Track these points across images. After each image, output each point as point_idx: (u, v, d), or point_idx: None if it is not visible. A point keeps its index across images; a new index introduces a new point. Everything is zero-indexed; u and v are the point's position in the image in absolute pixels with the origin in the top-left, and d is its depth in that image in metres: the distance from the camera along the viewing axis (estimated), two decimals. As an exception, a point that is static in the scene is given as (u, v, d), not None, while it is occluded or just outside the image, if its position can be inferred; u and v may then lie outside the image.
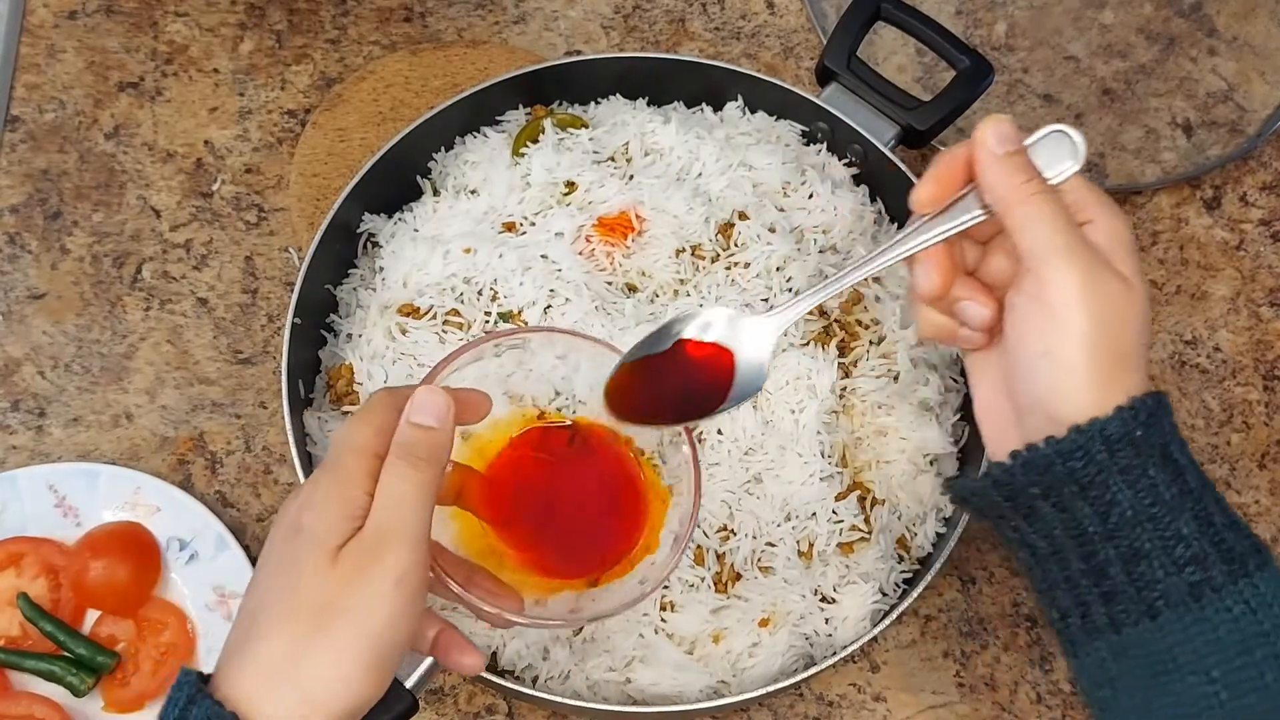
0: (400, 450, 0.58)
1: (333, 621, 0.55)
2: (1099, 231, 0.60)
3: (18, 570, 0.86)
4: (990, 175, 0.61)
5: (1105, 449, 0.57)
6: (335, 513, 0.57)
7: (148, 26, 1.06)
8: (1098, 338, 0.58)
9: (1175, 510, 0.57)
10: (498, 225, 0.85)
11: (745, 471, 0.78)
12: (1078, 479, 0.58)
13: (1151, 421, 0.58)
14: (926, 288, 0.63)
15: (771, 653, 0.77)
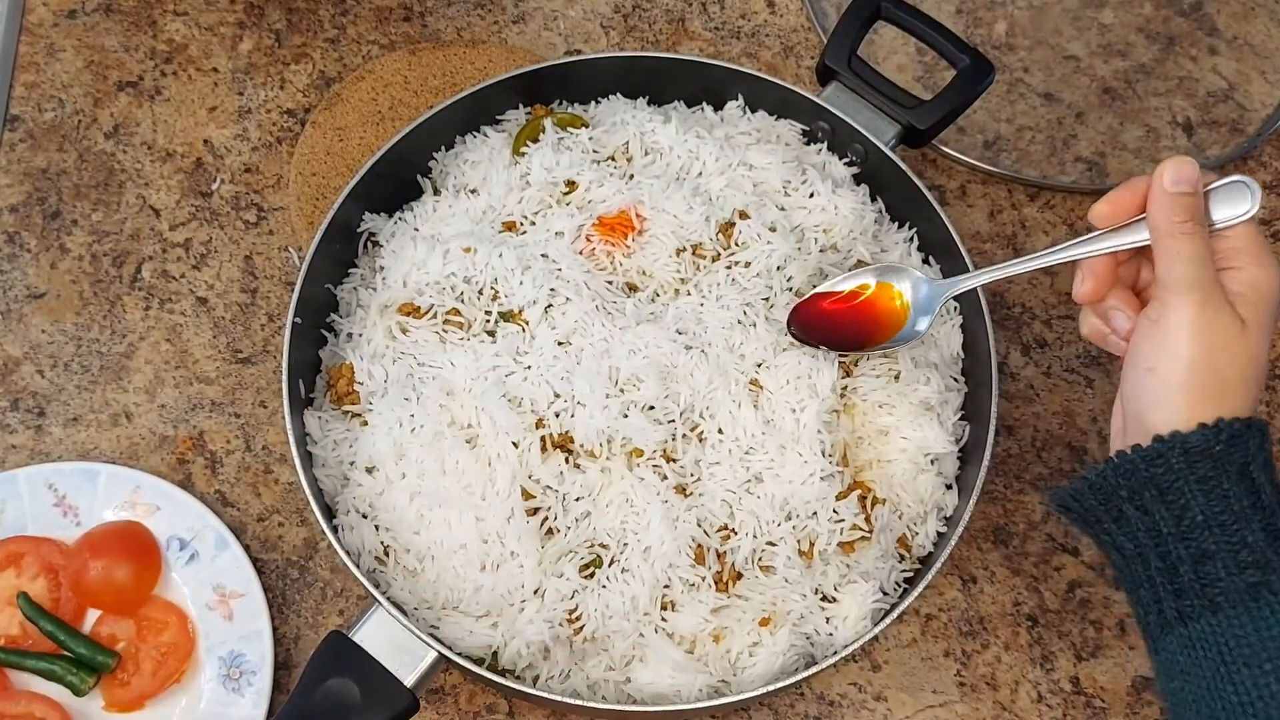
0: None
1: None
2: (1239, 279, 0.66)
3: (18, 570, 0.86)
4: (1153, 207, 0.67)
5: (1183, 458, 0.64)
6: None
7: (147, 25, 1.06)
8: (1199, 363, 0.65)
9: (1244, 520, 0.63)
10: (498, 224, 0.85)
11: (746, 471, 0.78)
12: (1158, 484, 0.64)
13: (1234, 442, 0.63)
14: (1080, 293, 0.72)
15: (772, 652, 0.77)
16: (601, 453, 0.77)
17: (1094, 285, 0.71)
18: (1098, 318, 0.73)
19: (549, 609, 0.76)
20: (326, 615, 0.89)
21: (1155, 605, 0.65)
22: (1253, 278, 0.67)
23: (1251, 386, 0.66)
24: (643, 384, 0.78)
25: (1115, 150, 1.05)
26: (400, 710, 0.73)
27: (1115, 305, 0.71)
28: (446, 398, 0.78)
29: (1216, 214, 0.68)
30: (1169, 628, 0.64)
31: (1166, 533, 0.64)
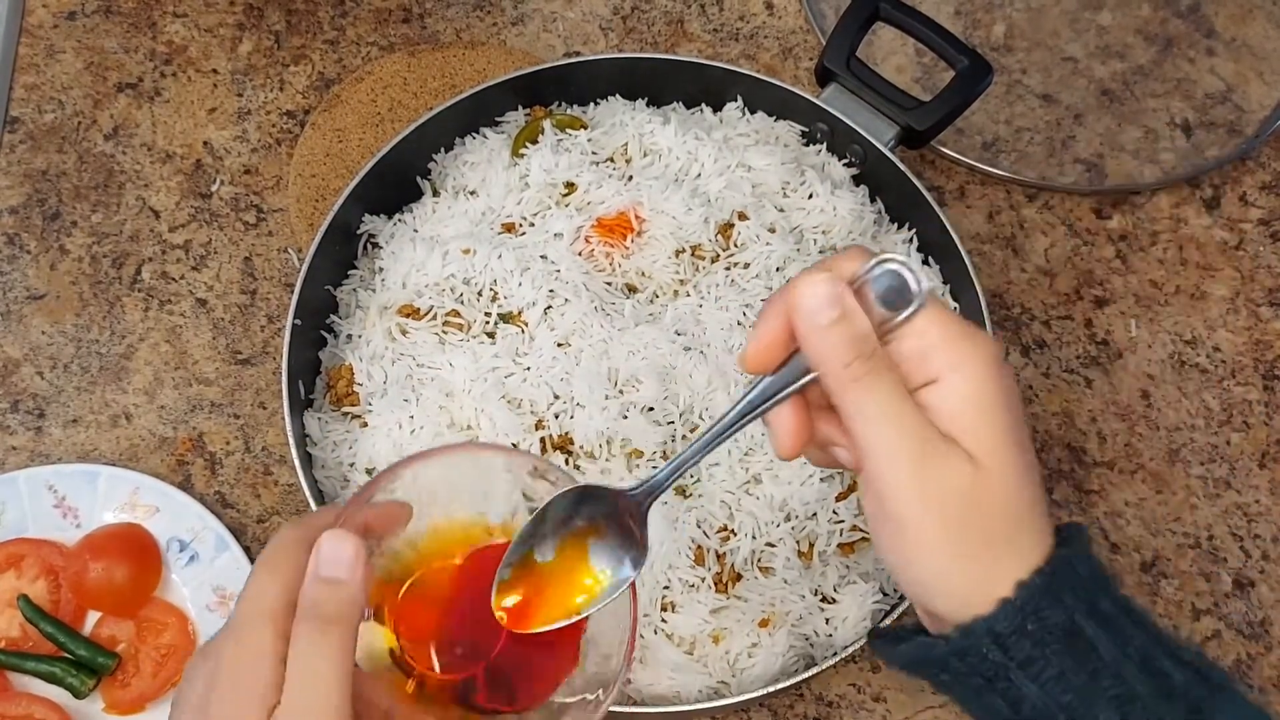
0: (307, 612, 0.52)
1: None
2: (944, 395, 0.53)
3: (18, 572, 0.86)
4: (811, 351, 0.53)
5: (997, 646, 0.52)
6: (246, 697, 0.51)
7: (146, 27, 1.06)
8: (954, 538, 0.52)
9: (1090, 697, 0.52)
10: (497, 226, 0.85)
11: (745, 472, 0.78)
12: (980, 673, 0.53)
13: (1046, 604, 0.52)
14: (781, 451, 0.57)
15: (771, 653, 0.77)
16: (601, 454, 0.77)
17: (793, 439, 0.56)
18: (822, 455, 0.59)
19: (548, 610, 0.76)
20: (326, 616, 0.89)
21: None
22: (955, 386, 0.53)
23: (1030, 519, 0.53)
24: (642, 385, 0.78)
25: (1114, 152, 1.05)
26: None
27: (834, 442, 0.58)
28: (446, 399, 0.79)
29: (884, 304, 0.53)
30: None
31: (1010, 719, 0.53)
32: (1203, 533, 0.94)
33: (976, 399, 0.53)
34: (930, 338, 0.53)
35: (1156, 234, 1.03)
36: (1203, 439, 0.97)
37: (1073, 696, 0.51)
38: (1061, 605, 0.52)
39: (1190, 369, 0.99)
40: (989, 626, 0.52)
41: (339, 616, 0.52)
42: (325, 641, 0.52)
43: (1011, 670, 0.52)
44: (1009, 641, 0.52)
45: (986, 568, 0.53)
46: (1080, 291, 1.01)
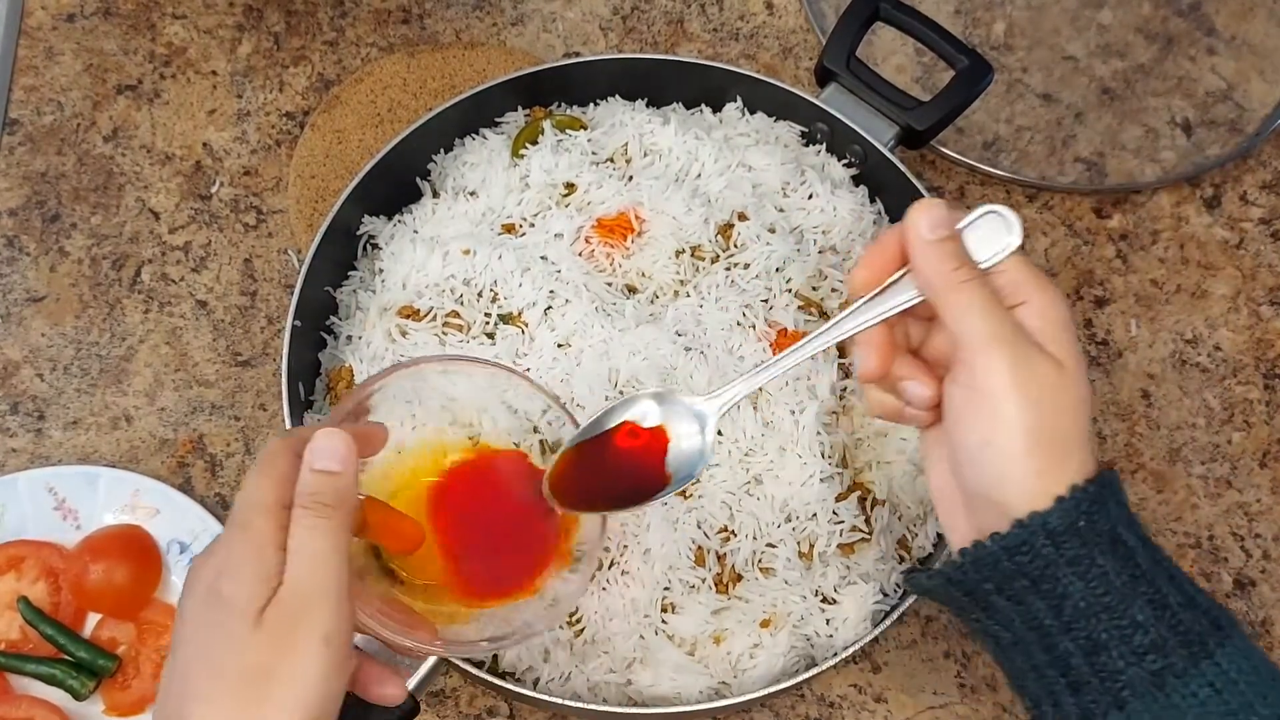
0: (305, 499, 0.57)
1: (267, 689, 0.54)
2: (1032, 314, 0.60)
3: (18, 574, 0.86)
4: (921, 262, 0.61)
5: (1050, 542, 0.57)
6: (252, 576, 0.56)
7: (145, 29, 1.06)
8: (1034, 425, 0.58)
9: (1128, 597, 0.57)
10: (497, 227, 0.85)
11: (745, 473, 0.78)
12: (1027, 573, 0.58)
13: (1095, 509, 0.57)
14: (865, 370, 0.64)
15: (772, 653, 0.77)
16: (601, 455, 0.77)
17: (878, 360, 0.63)
18: (884, 393, 0.66)
19: (549, 611, 0.76)
20: (327, 618, 0.89)
21: (1049, 699, 0.58)
22: (1045, 309, 0.60)
23: (1088, 434, 0.59)
24: (642, 385, 0.78)
25: (1114, 150, 1.05)
26: (401, 713, 0.72)
27: (906, 375, 0.64)
28: (449, 400, 0.78)
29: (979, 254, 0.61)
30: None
31: (1049, 624, 0.58)
32: (1204, 532, 0.94)
33: (1060, 319, 0.60)
34: (1020, 272, 0.61)
35: (1157, 233, 1.03)
36: (1204, 438, 0.97)
37: (1113, 596, 0.56)
38: (1107, 514, 0.57)
39: (1191, 368, 0.99)
40: (1044, 521, 0.57)
41: (335, 503, 0.57)
42: (324, 525, 0.57)
43: (1060, 567, 0.57)
44: (1060, 539, 0.57)
45: (1053, 463, 0.58)
46: (1080, 291, 1.01)
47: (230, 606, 0.56)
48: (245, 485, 0.59)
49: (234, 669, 0.55)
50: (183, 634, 0.57)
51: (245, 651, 0.55)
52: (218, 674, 0.55)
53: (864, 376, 0.64)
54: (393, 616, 0.63)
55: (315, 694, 0.55)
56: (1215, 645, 0.56)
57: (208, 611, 0.57)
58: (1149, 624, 0.56)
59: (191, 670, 0.56)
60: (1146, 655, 0.56)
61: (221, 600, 0.56)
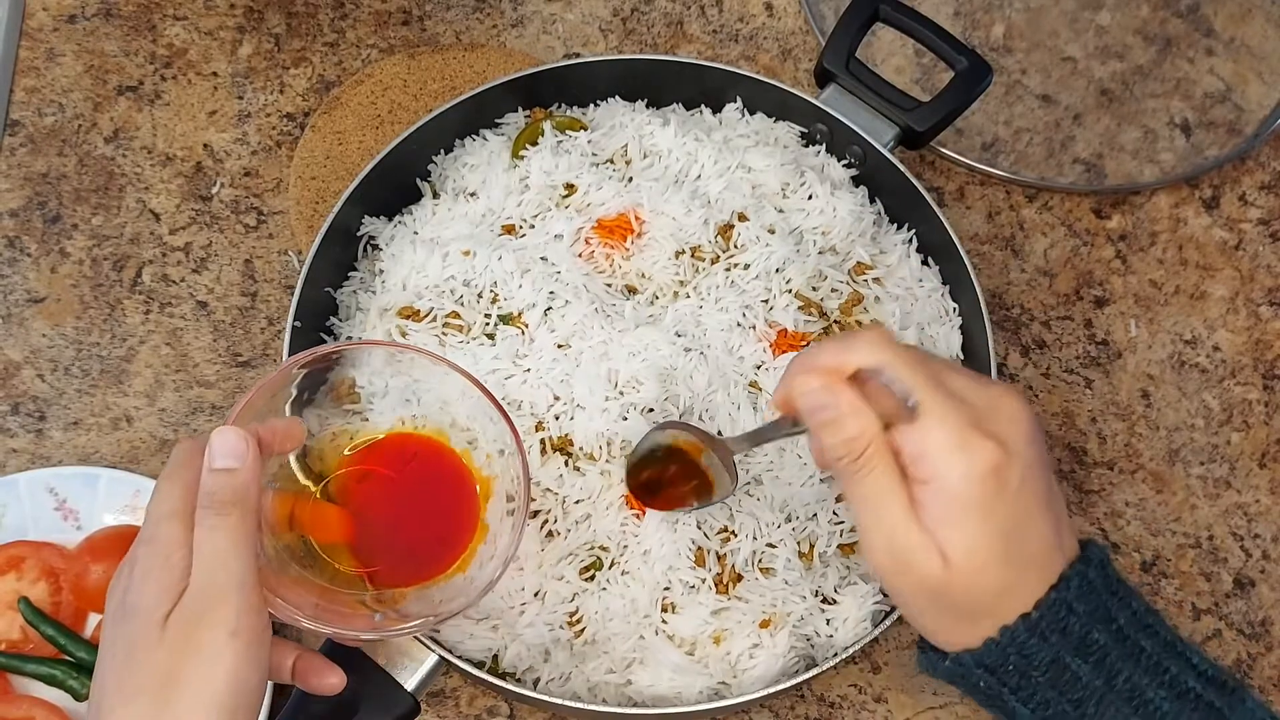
0: (206, 500, 0.58)
1: (175, 692, 0.55)
2: (931, 495, 0.57)
3: (18, 574, 0.86)
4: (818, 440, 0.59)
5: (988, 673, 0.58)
6: (157, 584, 0.56)
7: (146, 30, 1.07)
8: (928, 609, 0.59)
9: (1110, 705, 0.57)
10: (497, 228, 0.85)
11: (745, 473, 0.78)
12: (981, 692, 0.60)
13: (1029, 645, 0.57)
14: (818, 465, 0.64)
15: (772, 654, 0.77)
16: (601, 455, 0.77)
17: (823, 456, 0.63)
18: None
19: (549, 611, 0.76)
20: (327, 618, 0.89)
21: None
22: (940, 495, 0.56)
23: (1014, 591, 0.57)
24: (642, 386, 0.78)
25: (1113, 152, 1.06)
26: (401, 713, 0.73)
27: None
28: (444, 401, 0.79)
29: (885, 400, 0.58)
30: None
31: None
32: (1203, 532, 0.94)
33: (954, 507, 0.56)
34: (928, 444, 0.56)
35: (1156, 234, 1.03)
36: (1203, 439, 0.97)
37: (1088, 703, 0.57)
38: (1048, 644, 0.57)
39: (1190, 369, 0.99)
40: (976, 659, 0.58)
41: (235, 500, 0.58)
42: (224, 523, 0.57)
43: (1005, 694, 0.58)
44: (998, 671, 0.58)
45: (969, 627, 0.58)
46: (1080, 292, 1.01)
47: (137, 616, 0.56)
48: (153, 494, 0.60)
49: (142, 676, 0.55)
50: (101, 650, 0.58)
51: (151, 657, 0.55)
52: (126, 684, 0.55)
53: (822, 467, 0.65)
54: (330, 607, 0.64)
55: (225, 690, 0.56)
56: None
57: (116, 626, 0.57)
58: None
59: (105, 685, 0.56)
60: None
61: (129, 612, 0.56)
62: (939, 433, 0.56)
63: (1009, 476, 0.56)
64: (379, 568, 0.68)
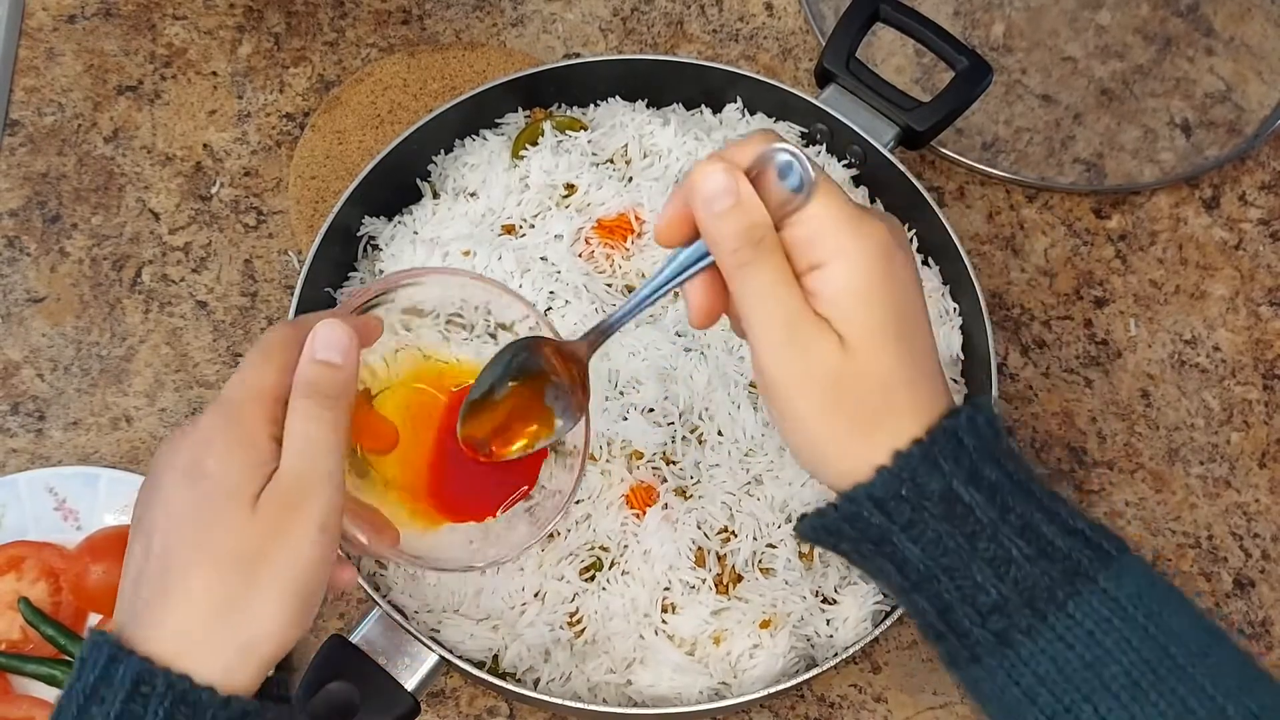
0: (307, 390, 0.56)
1: (261, 571, 0.54)
2: (825, 280, 0.55)
3: (18, 574, 0.86)
4: (705, 235, 0.57)
5: (879, 511, 0.55)
6: (243, 461, 0.55)
7: (146, 29, 1.06)
8: (825, 409, 0.55)
9: (967, 557, 0.54)
10: (497, 227, 0.85)
11: (745, 473, 0.78)
12: (869, 538, 0.56)
13: (921, 471, 0.54)
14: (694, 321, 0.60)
15: (772, 654, 0.77)
16: (601, 455, 0.77)
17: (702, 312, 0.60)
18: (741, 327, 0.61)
19: (550, 612, 0.76)
20: (327, 619, 0.89)
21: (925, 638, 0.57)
22: (838, 274, 0.55)
23: (906, 391, 0.55)
24: (642, 386, 0.78)
25: (1113, 151, 1.06)
26: (401, 713, 0.73)
27: None
28: None
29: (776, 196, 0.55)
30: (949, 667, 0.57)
31: (900, 585, 0.56)
32: (1203, 532, 0.94)
33: (852, 286, 0.55)
34: (818, 225, 0.55)
35: (1156, 234, 1.03)
36: (1202, 438, 0.97)
37: (950, 558, 0.54)
38: (939, 472, 0.54)
39: (1190, 368, 0.99)
40: (868, 493, 0.55)
41: (336, 394, 0.57)
42: (324, 415, 0.56)
43: (894, 533, 0.55)
44: (889, 506, 0.54)
45: (861, 440, 0.55)
46: (1080, 291, 1.01)
47: (220, 487, 0.55)
48: (243, 369, 0.57)
49: (225, 549, 0.54)
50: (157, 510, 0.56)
51: (238, 533, 0.54)
52: (206, 552, 0.54)
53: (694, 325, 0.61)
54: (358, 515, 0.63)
55: (305, 581, 0.55)
56: (1066, 596, 0.53)
57: (191, 490, 0.55)
58: (989, 584, 0.53)
59: (176, 548, 0.55)
60: (990, 616, 0.54)
61: (210, 481, 0.55)
62: (835, 209, 0.55)
63: (897, 259, 0.56)
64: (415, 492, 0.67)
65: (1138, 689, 0.52)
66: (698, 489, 0.78)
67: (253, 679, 0.54)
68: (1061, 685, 0.52)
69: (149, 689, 0.52)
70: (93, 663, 0.53)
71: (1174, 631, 0.53)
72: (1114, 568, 0.53)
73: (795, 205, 0.55)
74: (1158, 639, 0.52)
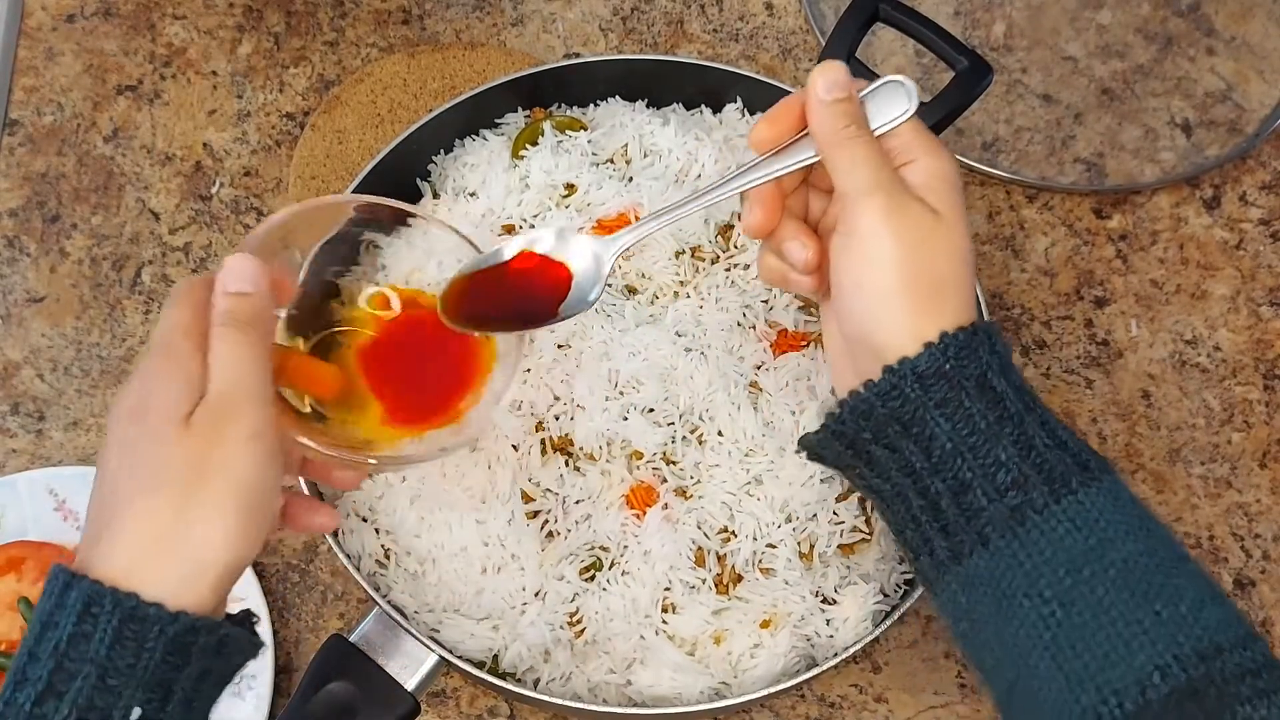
0: (223, 318, 0.59)
1: (203, 482, 0.56)
2: (918, 170, 0.62)
3: (18, 575, 0.86)
4: (815, 119, 0.63)
5: (918, 385, 0.59)
6: (178, 386, 0.57)
7: (146, 29, 1.06)
8: (905, 266, 0.60)
9: (993, 437, 0.58)
10: (497, 227, 0.85)
11: (746, 473, 0.78)
12: (899, 418, 0.59)
13: (965, 354, 0.59)
14: (749, 223, 0.66)
15: (773, 654, 0.77)
16: (601, 455, 0.77)
17: (763, 215, 0.66)
18: (773, 255, 0.68)
19: (550, 612, 0.76)
20: (327, 619, 0.89)
21: (925, 547, 0.60)
22: (930, 166, 0.62)
23: (965, 283, 0.61)
24: (642, 386, 0.78)
25: (1114, 151, 1.05)
26: (401, 713, 0.73)
27: (789, 236, 0.66)
28: None
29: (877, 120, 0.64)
30: (945, 569, 0.59)
31: (920, 468, 0.59)
32: (1203, 533, 0.94)
33: (944, 175, 0.62)
34: (910, 136, 0.63)
35: (1157, 233, 1.03)
36: (1203, 439, 0.97)
37: (978, 437, 0.58)
38: (978, 359, 0.59)
39: (1191, 368, 0.99)
40: (913, 366, 0.59)
41: (252, 320, 0.59)
42: (242, 338, 0.58)
43: (928, 410, 0.58)
44: (929, 381, 0.58)
45: (925, 307, 0.60)
46: (1080, 291, 1.01)
47: (157, 415, 0.57)
48: (162, 315, 0.60)
49: (166, 467, 0.56)
50: (108, 453, 0.58)
51: (176, 450, 0.56)
52: (150, 474, 0.56)
53: (749, 230, 0.67)
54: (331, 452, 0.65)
55: (249, 482, 0.56)
56: (1079, 484, 0.57)
57: (133, 426, 0.57)
58: (1011, 462, 0.57)
59: (121, 478, 0.57)
60: (1008, 492, 0.57)
61: (148, 412, 0.57)
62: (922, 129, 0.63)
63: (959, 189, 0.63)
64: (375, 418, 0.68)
65: (1130, 578, 0.55)
66: (698, 489, 0.78)
67: (207, 596, 0.56)
68: (1064, 566, 0.56)
69: (99, 609, 0.53)
70: (49, 591, 0.55)
71: (1162, 538, 0.57)
72: (1112, 477, 0.58)
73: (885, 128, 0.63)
74: (1149, 540, 0.56)
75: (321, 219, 0.71)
